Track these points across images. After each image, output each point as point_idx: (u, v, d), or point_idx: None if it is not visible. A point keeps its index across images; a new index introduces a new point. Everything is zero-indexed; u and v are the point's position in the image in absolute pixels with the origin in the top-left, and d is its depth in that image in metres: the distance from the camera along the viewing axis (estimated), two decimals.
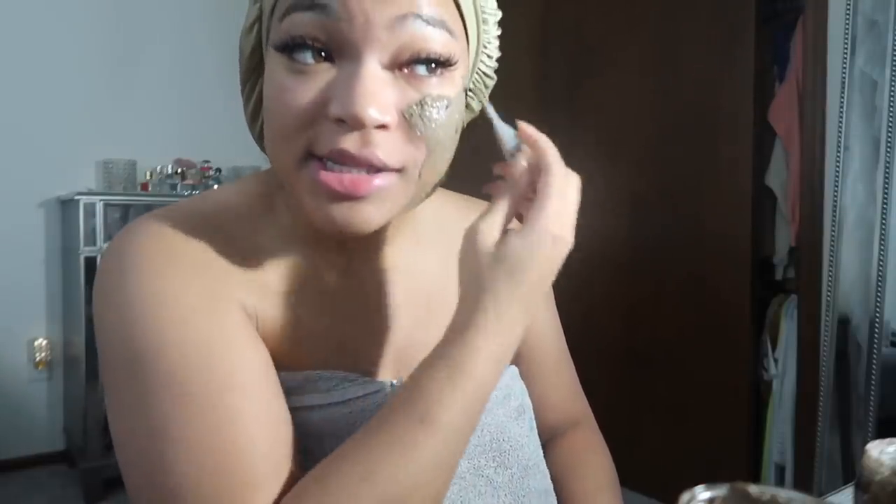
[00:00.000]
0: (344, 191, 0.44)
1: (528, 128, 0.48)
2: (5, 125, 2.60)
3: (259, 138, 0.57)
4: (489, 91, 0.57)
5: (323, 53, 0.44)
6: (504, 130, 0.49)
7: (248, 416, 0.44)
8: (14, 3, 2.61)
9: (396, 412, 0.44)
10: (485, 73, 0.54)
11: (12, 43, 2.60)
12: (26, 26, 2.63)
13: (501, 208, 0.47)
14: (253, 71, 0.53)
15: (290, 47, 0.44)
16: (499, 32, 0.53)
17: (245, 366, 0.46)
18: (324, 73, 0.44)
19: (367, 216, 0.45)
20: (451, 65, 0.46)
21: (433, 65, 0.45)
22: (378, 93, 0.43)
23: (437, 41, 0.44)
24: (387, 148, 0.44)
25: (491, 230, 0.46)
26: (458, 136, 0.50)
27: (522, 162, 0.48)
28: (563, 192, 0.46)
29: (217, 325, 0.46)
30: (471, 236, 0.47)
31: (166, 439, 0.43)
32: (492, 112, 0.49)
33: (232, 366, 0.45)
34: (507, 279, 0.44)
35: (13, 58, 2.61)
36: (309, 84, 0.44)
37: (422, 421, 0.43)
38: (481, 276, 0.45)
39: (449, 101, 0.46)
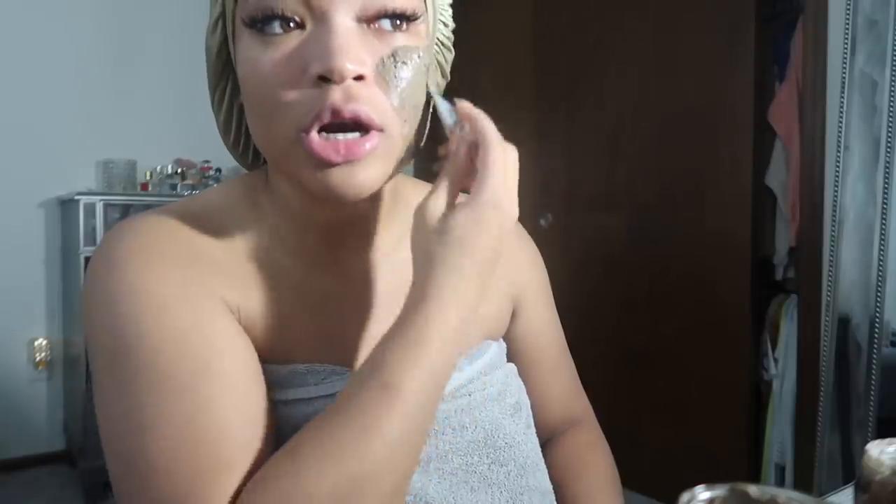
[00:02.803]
0: (341, 158, 0.45)
1: (465, 105, 0.49)
2: (5, 125, 2.60)
3: (233, 146, 0.58)
4: (449, 66, 0.58)
5: (291, 23, 0.45)
6: (443, 106, 0.50)
7: (221, 402, 0.45)
8: (13, 2, 2.60)
9: (360, 385, 0.44)
10: (443, 44, 0.56)
11: (12, 43, 2.60)
12: (26, 26, 2.63)
13: (444, 184, 0.48)
14: (222, 73, 0.54)
15: (261, 20, 0.45)
16: (451, 1, 0.56)
17: (221, 354, 0.46)
18: (294, 41, 0.46)
19: (363, 179, 0.47)
20: (415, 19, 0.48)
21: (398, 21, 0.47)
22: (352, 45, 0.45)
23: None
24: (369, 102, 0.45)
25: (436, 206, 0.47)
26: (427, 93, 0.51)
27: (461, 135, 0.49)
28: (503, 164, 0.47)
29: (195, 314, 0.47)
30: (418, 214, 0.48)
31: (142, 425, 0.44)
32: (432, 88, 0.50)
33: (207, 353, 0.46)
34: (457, 251, 0.45)
35: (13, 58, 2.61)
36: (284, 53, 0.46)
37: (385, 389, 0.43)
38: (431, 251, 0.46)
39: (419, 52, 0.48)
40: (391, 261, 0.58)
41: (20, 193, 2.64)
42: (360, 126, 0.45)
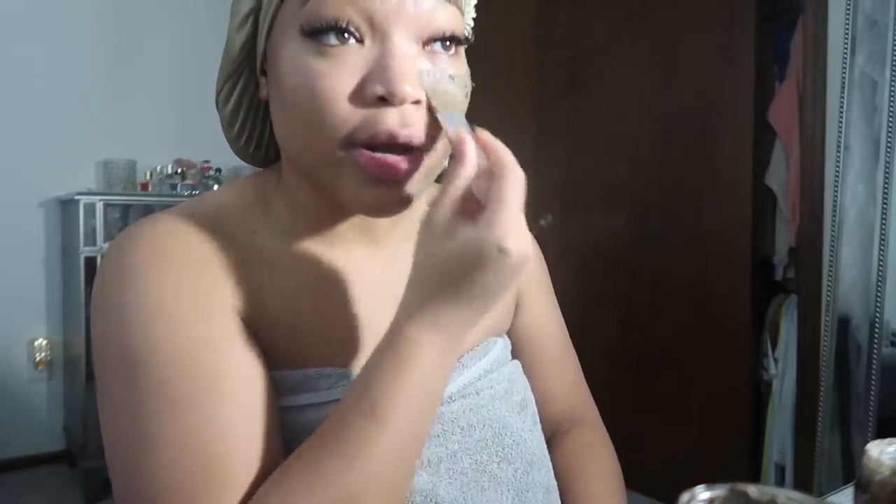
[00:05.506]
0: (390, 176, 0.45)
1: (485, 134, 0.44)
2: (5, 125, 2.60)
3: (236, 138, 0.57)
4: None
5: (347, 34, 0.45)
6: (458, 118, 0.46)
7: (229, 422, 0.45)
8: (14, 2, 2.60)
9: (345, 408, 0.44)
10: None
11: (12, 43, 2.60)
12: (26, 26, 2.63)
13: (452, 197, 0.43)
14: (238, 67, 0.53)
15: (322, 29, 0.45)
16: (474, 14, 0.56)
17: (231, 371, 0.46)
18: (353, 54, 0.45)
19: (404, 197, 0.47)
20: (463, 42, 0.49)
21: (448, 42, 0.48)
22: (412, 70, 0.45)
23: (453, 19, 0.47)
24: (420, 126, 0.46)
25: (443, 223, 0.43)
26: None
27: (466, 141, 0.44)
28: (517, 200, 0.42)
29: (207, 329, 0.46)
30: (426, 225, 0.44)
31: (149, 440, 0.44)
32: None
33: (217, 371, 0.46)
34: (452, 286, 0.43)
35: (13, 58, 2.61)
36: (341, 67, 0.45)
37: (368, 415, 0.43)
38: (430, 272, 0.44)
39: (465, 79, 0.49)
40: (402, 265, 0.57)
41: (20, 193, 2.64)
42: (409, 148, 0.46)
